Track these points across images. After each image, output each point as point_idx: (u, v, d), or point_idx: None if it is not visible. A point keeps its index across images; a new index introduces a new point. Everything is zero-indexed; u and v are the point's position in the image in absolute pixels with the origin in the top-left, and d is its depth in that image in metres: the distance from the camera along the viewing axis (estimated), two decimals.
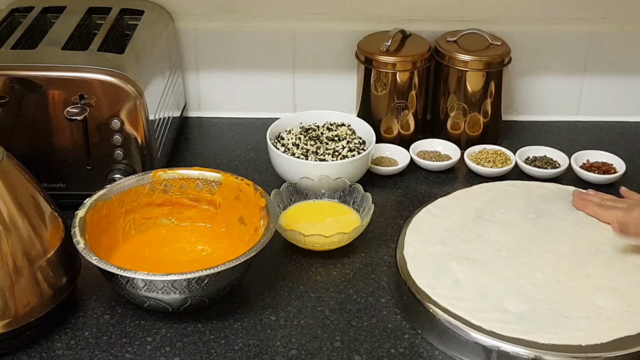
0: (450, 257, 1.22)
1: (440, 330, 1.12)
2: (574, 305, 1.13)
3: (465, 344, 1.10)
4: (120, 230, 1.26)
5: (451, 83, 1.55)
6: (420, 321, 1.15)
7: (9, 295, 1.06)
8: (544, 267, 1.20)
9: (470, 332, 1.09)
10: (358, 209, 1.35)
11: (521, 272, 1.19)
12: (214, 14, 1.62)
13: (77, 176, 1.35)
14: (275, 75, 1.67)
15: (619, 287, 1.16)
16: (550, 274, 1.19)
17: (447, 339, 1.11)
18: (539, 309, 1.12)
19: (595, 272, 1.20)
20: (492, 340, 1.08)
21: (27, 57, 1.33)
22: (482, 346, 1.08)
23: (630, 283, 1.17)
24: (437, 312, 1.12)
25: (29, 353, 1.10)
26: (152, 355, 1.11)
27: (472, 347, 1.09)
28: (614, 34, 1.63)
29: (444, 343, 1.12)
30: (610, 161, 1.53)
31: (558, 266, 1.21)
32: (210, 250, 1.26)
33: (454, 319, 1.11)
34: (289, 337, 1.14)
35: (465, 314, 1.12)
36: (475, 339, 1.09)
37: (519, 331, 1.09)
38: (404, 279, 1.19)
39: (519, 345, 1.07)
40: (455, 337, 1.10)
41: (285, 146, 1.45)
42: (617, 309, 1.13)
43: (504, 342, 1.07)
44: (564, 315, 1.11)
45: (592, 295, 1.15)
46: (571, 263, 1.22)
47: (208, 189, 1.29)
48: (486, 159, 1.52)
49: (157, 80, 1.44)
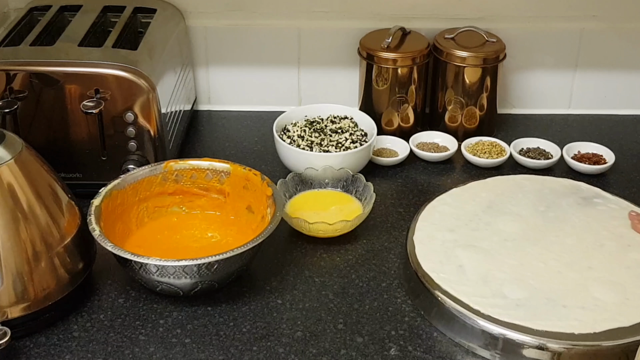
0: (457, 244, 1.21)
1: (441, 313, 1.11)
2: (572, 296, 1.11)
3: (464, 327, 1.09)
4: (134, 218, 1.25)
5: (449, 78, 1.54)
6: (424, 304, 1.14)
7: (28, 280, 1.05)
8: (547, 258, 1.18)
9: (470, 315, 1.08)
10: (360, 198, 1.35)
11: (524, 262, 1.17)
12: (223, 13, 1.61)
13: (93, 166, 1.34)
14: (281, 70, 1.66)
15: (618, 281, 1.14)
16: (553, 265, 1.17)
17: (448, 322, 1.10)
18: (537, 297, 1.11)
19: (597, 265, 1.17)
20: (490, 324, 1.07)
21: (45, 54, 1.32)
22: (480, 330, 1.07)
23: (631, 277, 1.15)
24: (439, 295, 1.12)
25: (46, 335, 1.10)
26: (164, 337, 1.10)
27: (471, 330, 1.08)
28: (604, 32, 1.62)
29: (446, 325, 1.11)
30: (600, 152, 1.52)
31: (561, 257, 1.18)
32: (219, 237, 1.25)
33: (454, 302, 1.10)
34: (295, 320, 1.13)
35: (465, 297, 1.11)
36: (474, 323, 1.08)
37: (515, 317, 1.07)
38: (412, 263, 1.18)
39: (515, 330, 1.06)
40: (454, 320, 1.10)
41: (291, 138, 1.45)
42: (615, 301, 1.10)
43: (501, 327, 1.06)
44: (561, 304, 1.09)
45: (590, 287, 1.13)
46: (574, 255, 1.19)
47: (217, 178, 1.28)
48: (482, 150, 1.51)
49: (169, 75, 1.44)
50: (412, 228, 1.26)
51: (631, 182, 1.46)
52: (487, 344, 1.07)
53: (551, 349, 1.04)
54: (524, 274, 1.15)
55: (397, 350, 1.08)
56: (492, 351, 1.07)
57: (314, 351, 1.08)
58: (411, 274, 1.18)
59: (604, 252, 1.20)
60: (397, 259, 1.25)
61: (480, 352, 1.08)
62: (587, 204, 1.31)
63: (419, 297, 1.16)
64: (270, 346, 1.09)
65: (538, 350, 1.05)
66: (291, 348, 1.09)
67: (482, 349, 1.08)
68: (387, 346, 1.09)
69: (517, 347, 1.06)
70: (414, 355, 1.08)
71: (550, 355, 1.04)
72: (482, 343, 1.08)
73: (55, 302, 1.09)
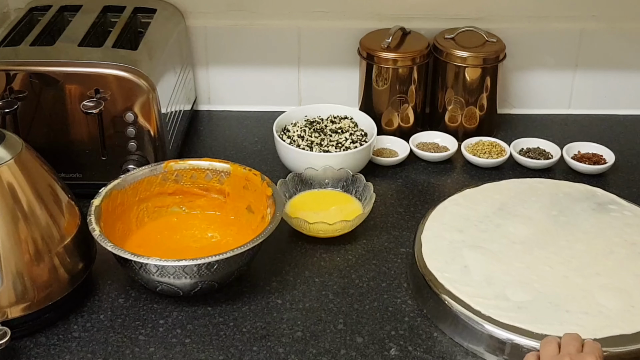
0: (465, 245, 1.21)
1: (444, 313, 1.11)
2: (576, 301, 1.10)
3: (465, 328, 1.09)
4: (134, 218, 1.25)
5: (449, 78, 1.53)
6: (427, 303, 1.14)
7: (28, 280, 1.05)
8: (554, 262, 1.17)
9: (471, 316, 1.08)
10: (360, 198, 1.35)
11: (530, 265, 1.17)
12: (223, 12, 1.61)
13: (93, 166, 1.34)
14: (282, 70, 1.66)
15: (625, 288, 1.12)
16: (559, 269, 1.16)
17: (450, 322, 1.10)
18: (541, 300, 1.10)
19: (605, 272, 1.15)
20: (492, 327, 1.06)
21: (45, 54, 1.32)
22: (480, 331, 1.07)
23: (638, 285, 1.13)
24: (442, 295, 1.11)
25: (46, 335, 1.10)
26: (164, 337, 1.10)
27: (472, 331, 1.08)
28: (604, 32, 1.62)
29: (449, 327, 1.11)
30: (600, 152, 1.52)
31: (569, 262, 1.17)
32: (219, 237, 1.25)
33: (455, 303, 1.10)
34: (295, 320, 1.13)
35: (467, 298, 1.10)
36: (475, 324, 1.07)
37: (515, 319, 1.07)
38: (417, 262, 1.18)
39: (514, 332, 1.05)
40: (456, 320, 1.09)
41: (291, 138, 1.45)
42: (619, 308, 1.09)
43: (500, 328, 1.06)
44: (565, 309, 1.09)
45: (596, 293, 1.11)
46: (583, 261, 1.18)
47: (217, 178, 1.28)
48: (482, 150, 1.51)
49: (169, 76, 1.43)
50: (421, 227, 1.25)
51: (631, 182, 1.46)
52: (488, 345, 1.07)
53: None
54: (530, 277, 1.14)
55: (397, 350, 1.08)
56: (498, 355, 1.07)
57: (314, 351, 1.08)
58: (417, 273, 1.18)
59: (613, 259, 1.18)
60: (398, 258, 1.25)
61: (485, 356, 1.08)
62: (601, 210, 1.29)
63: (422, 295, 1.15)
64: (270, 346, 1.09)
65: None
66: (291, 348, 1.09)
67: (488, 353, 1.07)
68: (387, 346, 1.09)
69: (517, 349, 1.05)
70: (414, 355, 1.08)
71: None
72: (485, 345, 1.07)
73: (55, 302, 1.09)
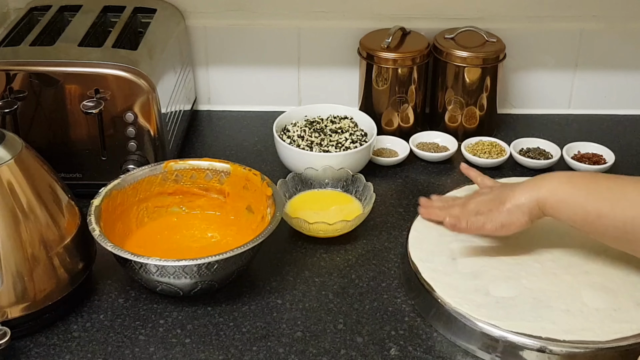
0: (454, 238, 1.20)
1: (429, 304, 1.12)
2: (562, 298, 1.09)
3: (448, 319, 1.09)
4: (134, 218, 1.25)
5: (449, 78, 1.53)
6: (416, 295, 1.15)
7: (28, 280, 1.05)
8: (544, 259, 1.16)
9: (447, 307, 1.09)
10: (360, 198, 1.35)
11: (520, 261, 1.16)
12: (223, 13, 1.61)
13: (93, 166, 1.34)
14: (281, 70, 1.66)
15: (612, 288, 1.10)
16: (549, 266, 1.15)
17: (435, 312, 1.11)
18: (524, 297, 1.09)
19: (595, 270, 1.14)
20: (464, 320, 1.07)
21: (45, 54, 1.32)
22: (463, 324, 1.08)
23: (626, 285, 1.11)
24: (425, 286, 1.12)
25: (46, 335, 1.10)
26: (164, 337, 1.10)
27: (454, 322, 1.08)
28: (604, 32, 1.62)
29: (444, 326, 1.11)
30: (600, 152, 1.52)
31: (559, 260, 1.16)
32: (219, 237, 1.25)
33: (434, 292, 1.11)
34: (295, 320, 1.13)
35: (443, 290, 1.11)
36: (450, 317, 1.08)
37: (486, 315, 1.06)
38: (410, 260, 1.18)
39: (488, 326, 1.05)
40: (439, 312, 1.10)
41: (291, 138, 1.44)
42: (602, 309, 1.07)
43: (471, 322, 1.06)
44: (546, 305, 1.08)
45: (582, 291, 1.10)
46: (574, 259, 1.17)
47: (217, 178, 1.28)
48: (482, 150, 1.51)
49: (169, 76, 1.43)
50: (414, 225, 1.25)
51: None
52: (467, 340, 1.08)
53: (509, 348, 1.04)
54: (517, 272, 1.14)
55: (397, 350, 1.08)
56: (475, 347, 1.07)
57: (314, 351, 1.08)
58: (410, 272, 1.18)
59: (606, 258, 1.17)
60: (397, 258, 1.25)
61: (477, 354, 1.08)
62: None
63: (419, 296, 1.15)
64: (270, 346, 1.09)
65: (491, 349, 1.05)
66: (291, 348, 1.08)
67: (466, 344, 1.08)
68: (387, 346, 1.09)
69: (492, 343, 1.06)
70: (414, 355, 1.08)
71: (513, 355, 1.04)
72: (465, 339, 1.08)
73: (55, 302, 1.09)
